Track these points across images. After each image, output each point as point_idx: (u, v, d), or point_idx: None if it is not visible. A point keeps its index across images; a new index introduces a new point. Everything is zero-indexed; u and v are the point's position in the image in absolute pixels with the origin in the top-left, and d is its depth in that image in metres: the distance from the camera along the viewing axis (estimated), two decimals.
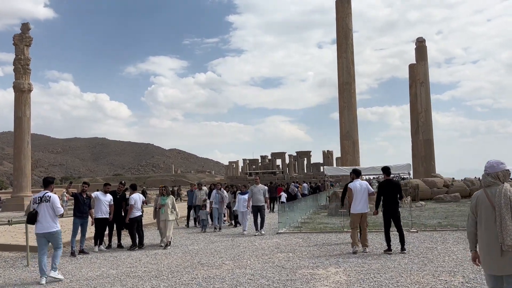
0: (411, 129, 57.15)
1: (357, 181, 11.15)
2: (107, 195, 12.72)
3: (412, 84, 57.35)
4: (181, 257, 10.77)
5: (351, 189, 10.99)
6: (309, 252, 10.69)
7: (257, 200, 15.23)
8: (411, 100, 57.56)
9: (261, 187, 15.67)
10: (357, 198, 10.96)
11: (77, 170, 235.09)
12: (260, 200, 15.24)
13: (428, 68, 54.18)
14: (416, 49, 54.78)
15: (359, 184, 11.07)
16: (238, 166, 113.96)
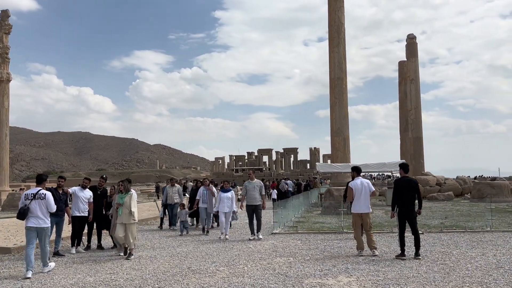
0: (400, 127, 56.45)
1: (358, 179, 10.21)
2: (86, 190, 11.48)
3: (402, 81, 56.62)
4: (168, 261, 9.60)
5: (352, 188, 10.11)
6: (312, 257, 9.61)
7: (252, 198, 12.90)
8: (400, 97, 56.83)
9: (257, 182, 13.17)
10: (358, 198, 10.03)
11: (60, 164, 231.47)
12: (256, 198, 12.89)
13: (418, 65, 53.43)
14: (407, 46, 53.97)
15: (360, 182, 10.09)
16: (224, 162, 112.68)
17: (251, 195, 12.97)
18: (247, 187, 13.09)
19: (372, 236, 9.81)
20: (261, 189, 13.09)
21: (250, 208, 12.97)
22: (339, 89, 38.53)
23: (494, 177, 32.34)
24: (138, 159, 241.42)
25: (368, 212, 9.97)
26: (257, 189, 13.01)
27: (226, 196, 13.28)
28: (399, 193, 9.38)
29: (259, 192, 13.04)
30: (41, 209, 8.52)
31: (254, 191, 12.96)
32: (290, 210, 18.03)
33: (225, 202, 13.17)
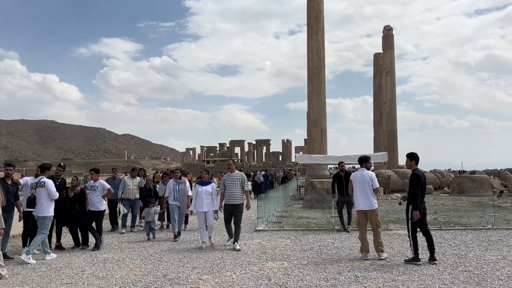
0: (374, 119, 55.95)
1: (361, 170, 8.99)
2: None
3: (376, 73, 56.04)
4: (139, 266, 8.05)
5: (351, 180, 9.05)
6: (309, 260, 8.23)
7: (231, 195, 9.97)
8: (374, 90, 56.28)
9: (238, 175, 10.17)
10: (355, 192, 8.90)
11: (23, 153, 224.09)
12: (236, 196, 9.95)
13: (394, 57, 52.99)
14: (383, 37, 53.25)
15: (359, 174, 8.88)
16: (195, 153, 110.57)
17: (230, 191, 9.98)
18: (226, 182, 10.08)
19: (379, 236, 8.52)
20: (243, 183, 10.07)
21: (229, 208, 9.98)
22: (317, 78, 37.26)
23: (474, 171, 31.90)
24: (106, 149, 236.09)
25: (371, 209, 8.67)
26: (238, 184, 9.99)
27: (205, 191, 10.17)
28: (420, 187, 8.03)
29: (241, 188, 10.03)
30: (44, 197, 9.02)
31: (234, 186, 9.96)
32: (271, 204, 16.69)
33: (203, 198, 10.10)
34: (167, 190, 11.70)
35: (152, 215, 11.68)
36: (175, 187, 11.65)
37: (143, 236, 11.66)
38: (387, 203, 21.66)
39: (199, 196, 10.16)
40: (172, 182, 11.80)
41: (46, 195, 9.01)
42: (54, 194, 9.11)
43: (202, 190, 10.20)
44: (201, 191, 10.18)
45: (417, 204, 7.99)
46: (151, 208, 11.92)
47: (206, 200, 10.12)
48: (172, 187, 11.62)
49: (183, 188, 11.66)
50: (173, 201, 11.51)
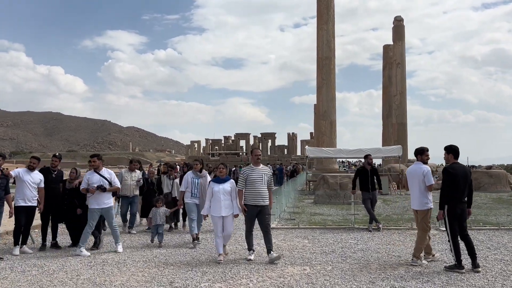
0: (383, 113, 54.80)
1: (417, 164, 7.87)
2: (35, 173, 8.81)
3: (386, 65, 54.79)
4: (142, 270, 7.13)
5: (406, 175, 8.19)
6: (333, 265, 7.28)
7: (257, 194, 7.76)
8: (383, 82, 55.07)
9: (265, 170, 8.06)
10: (410, 188, 7.86)
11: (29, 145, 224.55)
12: (263, 195, 7.81)
13: (405, 48, 51.71)
14: (394, 29, 51.92)
15: (413, 168, 7.79)
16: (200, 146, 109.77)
17: (256, 189, 7.78)
18: (250, 176, 7.86)
19: (422, 240, 7.44)
20: (270, 181, 8.00)
21: (253, 211, 7.79)
22: (327, 69, 36.20)
23: (490, 166, 30.82)
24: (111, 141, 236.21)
25: (421, 208, 7.61)
26: (264, 179, 7.86)
27: (223, 190, 8.01)
28: (454, 185, 7.04)
29: (267, 185, 7.94)
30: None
31: (260, 182, 7.81)
32: (282, 199, 15.74)
33: (221, 199, 7.94)
34: (183, 184, 9.57)
35: (161, 217, 9.67)
36: (194, 181, 9.50)
37: (146, 239, 10.07)
38: (402, 198, 20.67)
39: (215, 197, 8.02)
40: (190, 175, 9.61)
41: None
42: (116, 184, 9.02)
43: (218, 189, 7.99)
44: (218, 191, 7.98)
45: (443, 203, 7.04)
46: (160, 208, 9.85)
47: (224, 201, 7.92)
48: (190, 181, 9.50)
49: (203, 183, 9.44)
50: (190, 199, 9.45)
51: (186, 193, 9.51)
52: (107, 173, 8.93)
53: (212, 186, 8.15)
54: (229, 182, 8.16)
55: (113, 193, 9.05)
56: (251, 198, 7.81)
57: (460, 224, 7.05)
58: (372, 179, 11.23)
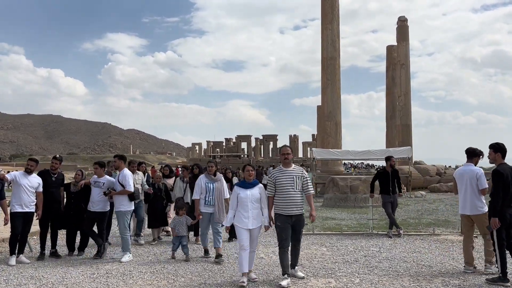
0: (387, 114, 54.07)
1: (467, 165, 7.18)
2: (33, 176, 8.16)
3: (390, 66, 54.06)
4: (150, 282, 6.47)
5: (454, 178, 7.40)
6: (361, 277, 6.61)
7: (290, 201, 6.38)
8: (387, 83, 54.36)
9: (297, 171, 6.60)
10: (459, 192, 7.19)
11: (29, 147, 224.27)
12: (297, 202, 6.42)
13: (409, 49, 51.11)
14: (398, 29, 51.27)
15: (464, 170, 7.13)
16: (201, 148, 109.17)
17: (288, 195, 6.37)
18: (279, 180, 6.45)
19: (489, 244, 6.81)
20: (305, 184, 6.52)
21: (286, 222, 6.37)
22: (331, 70, 35.50)
23: None
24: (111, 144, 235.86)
25: (477, 213, 6.90)
26: (298, 183, 6.44)
27: (251, 197, 6.53)
28: (506, 188, 6.35)
29: (302, 190, 6.51)
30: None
31: (293, 187, 6.40)
32: None
33: (249, 208, 6.48)
34: (197, 190, 8.10)
35: (184, 227, 8.33)
36: (208, 186, 8.06)
37: (153, 249, 9.12)
38: (414, 201, 20.04)
39: (241, 206, 6.51)
40: (203, 179, 8.15)
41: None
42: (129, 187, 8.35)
43: (246, 196, 6.49)
44: (245, 198, 6.47)
45: (496, 209, 6.32)
46: (183, 216, 8.44)
47: (253, 211, 6.46)
48: (204, 186, 8.06)
49: (219, 188, 8.09)
50: (204, 207, 8.03)
51: (200, 200, 8.07)
52: (121, 175, 8.37)
53: (238, 192, 6.59)
54: (258, 187, 6.62)
55: (130, 198, 8.39)
56: (283, 207, 6.37)
57: (507, 232, 6.37)
58: (393, 181, 10.57)
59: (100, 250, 8.35)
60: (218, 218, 7.99)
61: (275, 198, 6.52)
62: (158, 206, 10.06)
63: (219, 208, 7.94)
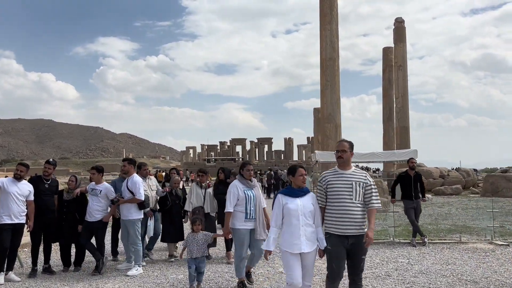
0: (383, 116, 53.51)
1: None
2: (23, 183, 7.26)
3: (386, 68, 53.57)
4: None
5: None
6: None
7: (346, 216, 4.66)
8: (383, 85, 53.79)
9: (358, 175, 4.84)
10: None
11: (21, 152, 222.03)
12: (356, 217, 4.67)
13: (406, 50, 50.62)
14: (394, 30, 50.82)
15: None
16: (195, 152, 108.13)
17: (341, 207, 4.72)
18: (331, 187, 4.82)
19: None
20: (368, 193, 4.76)
21: (341, 245, 4.70)
22: (331, 71, 34.71)
23: (506, 169, 29.51)
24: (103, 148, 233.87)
25: None
26: (358, 191, 4.74)
27: (302, 208, 4.80)
28: None
29: (363, 200, 4.78)
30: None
31: (347, 197, 4.73)
32: None
33: (300, 225, 4.75)
34: (231, 200, 6.23)
35: (201, 246, 6.36)
36: (247, 194, 6.28)
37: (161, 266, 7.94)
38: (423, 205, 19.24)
39: (290, 220, 4.77)
40: (239, 185, 6.34)
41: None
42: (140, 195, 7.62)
43: (296, 207, 4.77)
44: (296, 210, 4.75)
45: None
46: (199, 233, 6.47)
47: (306, 228, 4.74)
48: (242, 195, 6.24)
49: (258, 196, 6.41)
50: (243, 223, 6.22)
51: (235, 213, 6.26)
52: (130, 181, 7.62)
53: (284, 202, 4.84)
54: (310, 196, 4.91)
55: (140, 206, 7.65)
56: (335, 223, 4.69)
57: None
58: (416, 186, 9.77)
59: (99, 266, 7.46)
60: (261, 234, 6.20)
61: (325, 211, 4.88)
62: (175, 216, 8.56)
63: (260, 222, 6.30)
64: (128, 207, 7.63)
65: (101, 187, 7.74)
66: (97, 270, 7.41)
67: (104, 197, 7.67)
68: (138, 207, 7.66)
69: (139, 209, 7.69)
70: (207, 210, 8.29)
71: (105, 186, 7.79)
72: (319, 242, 4.79)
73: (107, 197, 7.69)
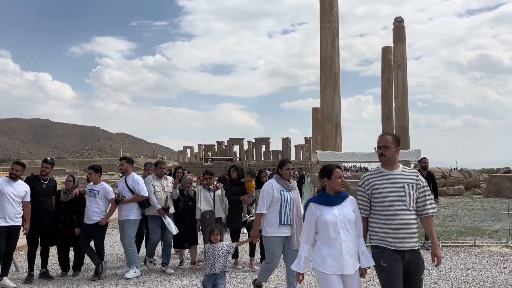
0: (382, 116, 53.42)
1: None
2: (19, 183, 6.84)
3: (385, 68, 53.40)
4: None
5: None
6: None
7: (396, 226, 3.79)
8: (383, 85, 53.69)
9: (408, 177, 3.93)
10: None
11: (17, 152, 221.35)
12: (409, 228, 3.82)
13: (406, 50, 50.34)
14: (394, 30, 50.63)
15: None
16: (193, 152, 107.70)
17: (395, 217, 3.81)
18: (377, 190, 3.91)
19: None
20: (422, 196, 3.94)
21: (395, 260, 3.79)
22: (331, 70, 34.49)
23: (509, 169, 29.24)
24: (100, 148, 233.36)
25: None
26: (409, 196, 3.87)
27: (342, 220, 3.85)
28: None
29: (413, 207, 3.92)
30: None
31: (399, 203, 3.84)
32: None
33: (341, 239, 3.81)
34: (265, 201, 5.30)
35: (223, 260, 5.43)
36: (284, 195, 5.34)
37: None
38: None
39: (326, 235, 3.86)
40: (276, 184, 5.41)
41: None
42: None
43: (335, 218, 3.86)
44: (334, 222, 3.84)
45: None
46: (218, 243, 5.50)
47: (348, 243, 3.83)
48: (278, 196, 5.32)
49: (297, 200, 5.48)
50: (278, 229, 5.28)
51: (268, 217, 5.31)
52: (130, 179, 7.26)
53: (319, 214, 3.91)
54: (350, 201, 4.00)
55: (140, 203, 7.31)
56: (389, 235, 3.81)
57: None
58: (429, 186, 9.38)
59: (98, 270, 7.04)
60: (297, 244, 5.17)
61: (371, 221, 3.98)
62: (188, 219, 7.61)
63: (298, 229, 5.23)
64: (130, 207, 7.31)
65: (98, 187, 7.32)
66: (96, 274, 7.01)
67: (102, 198, 7.26)
68: (139, 205, 7.37)
69: (140, 208, 7.37)
70: (218, 215, 7.50)
71: (103, 186, 7.37)
72: (361, 257, 3.86)
73: (105, 198, 7.29)
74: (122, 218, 7.30)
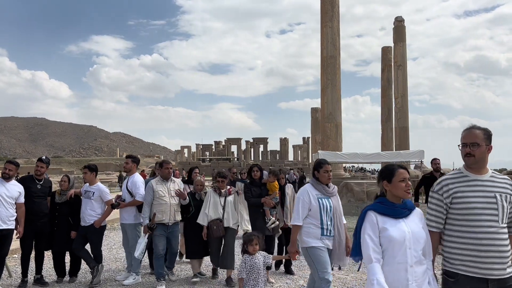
0: (382, 117, 53.11)
1: None
2: (12, 184, 6.41)
3: (385, 68, 53.14)
4: None
5: None
6: None
7: (484, 249, 2.95)
8: (382, 85, 53.38)
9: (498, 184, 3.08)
10: None
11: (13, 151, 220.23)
12: (500, 251, 2.97)
13: (406, 49, 50.08)
14: (394, 29, 50.36)
15: None
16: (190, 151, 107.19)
17: (482, 235, 2.97)
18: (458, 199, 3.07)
19: None
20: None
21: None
22: (332, 69, 34.07)
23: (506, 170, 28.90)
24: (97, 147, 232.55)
25: None
26: (501, 210, 3.02)
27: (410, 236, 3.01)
28: None
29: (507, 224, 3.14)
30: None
31: (493, 218, 2.99)
32: None
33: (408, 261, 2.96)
34: (300, 210, 4.61)
35: (263, 274, 4.72)
36: (322, 203, 4.64)
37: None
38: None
39: (392, 254, 2.98)
40: (313, 190, 4.71)
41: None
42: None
43: (402, 235, 2.99)
44: (401, 241, 2.98)
45: None
46: (256, 254, 4.72)
47: (415, 269, 2.96)
48: (315, 204, 4.62)
49: (337, 208, 4.79)
50: (320, 240, 4.57)
51: (306, 230, 4.61)
52: (131, 181, 6.92)
53: (382, 226, 3.06)
54: (416, 214, 3.21)
55: (138, 208, 6.96)
56: (471, 258, 2.99)
57: None
58: None
59: (94, 275, 6.62)
60: (340, 258, 4.63)
61: (446, 238, 3.17)
62: (200, 226, 6.75)
63: (342, 242, 4.60)
64: (129, 210, 6.93)
65: (94, 188, 6.93)
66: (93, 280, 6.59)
67: (98, 199, 6.85)
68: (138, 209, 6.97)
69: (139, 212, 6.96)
70: (228, 224, 6.67)
71: (99, 187, 6.97)
72: (431, 282, 3.04)
73: (101, 199, 6.87)
74: (122, 221, 6.95)
